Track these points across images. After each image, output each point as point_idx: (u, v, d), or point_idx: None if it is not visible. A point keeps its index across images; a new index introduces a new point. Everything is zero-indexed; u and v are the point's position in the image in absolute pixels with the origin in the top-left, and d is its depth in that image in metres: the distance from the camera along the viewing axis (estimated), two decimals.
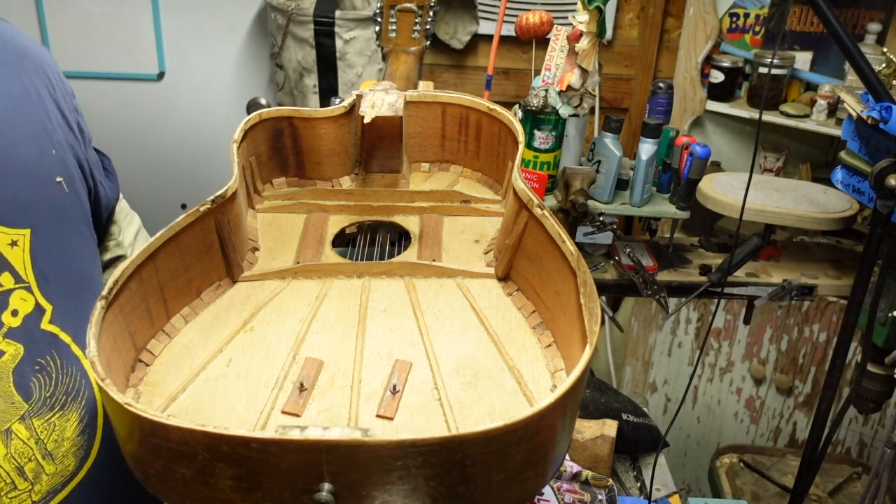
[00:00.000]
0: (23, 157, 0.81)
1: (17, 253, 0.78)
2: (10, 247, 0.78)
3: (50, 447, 0.81)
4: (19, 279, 0.79)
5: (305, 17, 2.33)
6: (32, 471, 0.80)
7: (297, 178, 1.05)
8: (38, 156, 0.83)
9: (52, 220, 0.83)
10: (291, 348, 0.75)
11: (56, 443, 0.81)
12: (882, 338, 1.18)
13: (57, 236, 0.83)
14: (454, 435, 0.54)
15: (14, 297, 0.78)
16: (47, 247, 0.81)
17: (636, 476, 1.44)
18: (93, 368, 0.60)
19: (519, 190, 0.83)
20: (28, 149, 0.82)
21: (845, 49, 1.05)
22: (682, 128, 2.47)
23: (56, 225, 0.83)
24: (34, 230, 0.80)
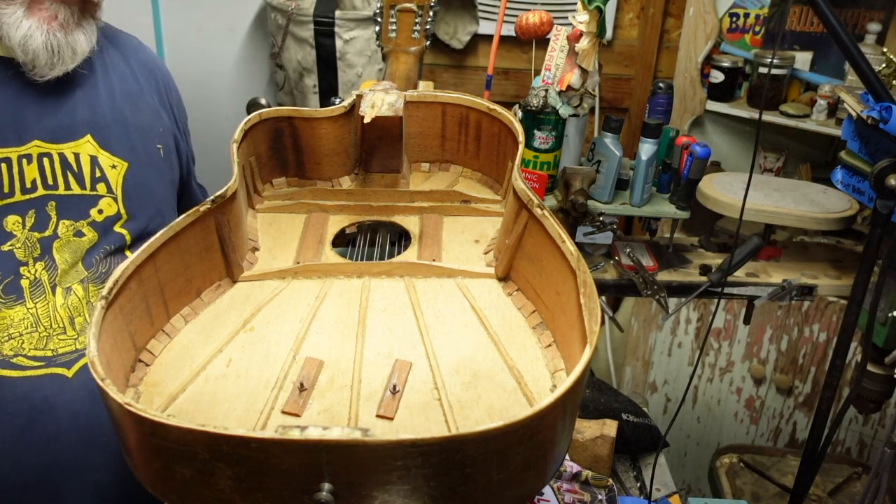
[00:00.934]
0: (141, 118, 1.13)
1: (114, 174, 1.08)
2: (111, 168, 1.07)
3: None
4: (111, 191, 1.07)
5: (305, 17, 2.33)
6: (80, 324, 1.04)
7: (297, 178, 1.05)
8: (150, 124, 1.14)
9: (146, 166, 1.12)
10: (291, 348, 0.75)
11: None
12: (882, 338, 1.18)
13: (146, 178, 1.11)
14: (454, 435, 0.54)
15: (103, 201, 1.06)
16: (137, 180, 1.10)
17: (636, 476, 1.44)
18: (92, 368, 0.60)
19: (519, 190, 0.83)
20: (146, 116, 1.14)
21: (845, 49, 1.05)
22: (682, 128, 2.47)
23: (147, 171, 1.12)
24: (130, 165, 1.09)
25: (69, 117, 1.04)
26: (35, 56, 0.97)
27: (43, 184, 1.01)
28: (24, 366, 0.99)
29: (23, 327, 0.99)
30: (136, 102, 1.13)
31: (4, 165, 0.99)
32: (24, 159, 1.00)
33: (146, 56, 1.21)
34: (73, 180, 1.04)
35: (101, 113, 1.08)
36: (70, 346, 1.02)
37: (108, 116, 1.08)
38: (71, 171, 1.03)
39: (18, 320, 0.99)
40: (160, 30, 2.59)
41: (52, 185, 1.02)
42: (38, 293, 1.01)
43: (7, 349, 0.99)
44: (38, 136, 1.01)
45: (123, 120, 1.10)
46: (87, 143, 1.05)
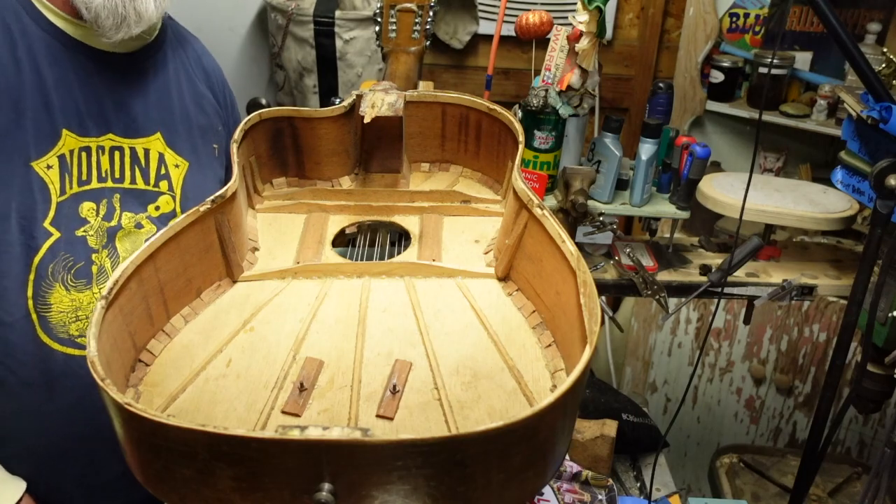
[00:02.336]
0: (203, 119, 1.18)
1: (177, 173, 1.13)
2: (175, 167, 1.13)
3: None
4: (171, 189, 1.12)
5: (305, 17, 2.33)
6: None
7: (297, 178, 1.05)
8: (210, 124, 1.20)
9: (204, 167, 1.17)
10: (291, 348, 0.75)
11: None
12: (882, 338, 1.18)
13: (203, 178, 1.17)
14: (454, 435, 0.54)
15: (163, 198, 1.12)
16: (195, 179, 1.15)
17: (636, 476, 1.44)
18: (92, 368, 0.60)
19: (519, 190, 0.83)
20: (207, 118, 1.20)
21: (845, 49, 1.05)
22: (682, 128, 2.47)
23: (204, 171, 1.17)
24: (191, 165, 1.15)
25: (143, 114, 1.09)
26: (97, 15, 0.98)
27: (111, 176, 1.06)
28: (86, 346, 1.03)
29: (90, 310, 1.04)
30: (200, 103, 1.19)
31: (84, 154, 1.03)
32: (100, 150, 1.05)
33: (209, 60, 1.27)
34: (140, 175, 1.09)
35: (170, 111, 1.13)
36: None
37: (177, 115, 1.14)
38: (139, 165, 1.08)
39: (87, 304, 1.05)
40: None
41: (118, 177, 1.07)
42: (102, 279, 1.06)
43: (74, 329, 1.05)
44: (114, 130, 1.06)
45: (188, 120, 1.15)
46: (157, 140, 1.11)
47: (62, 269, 1.03)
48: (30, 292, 1.01)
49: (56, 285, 1.03)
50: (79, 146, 1.03)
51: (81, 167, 1.03)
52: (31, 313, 1.02)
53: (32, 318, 1.02)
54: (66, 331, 1.04)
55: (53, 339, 1.04)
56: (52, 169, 1.01)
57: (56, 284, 1.03)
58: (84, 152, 1.03)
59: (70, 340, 1.05)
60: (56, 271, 1.02)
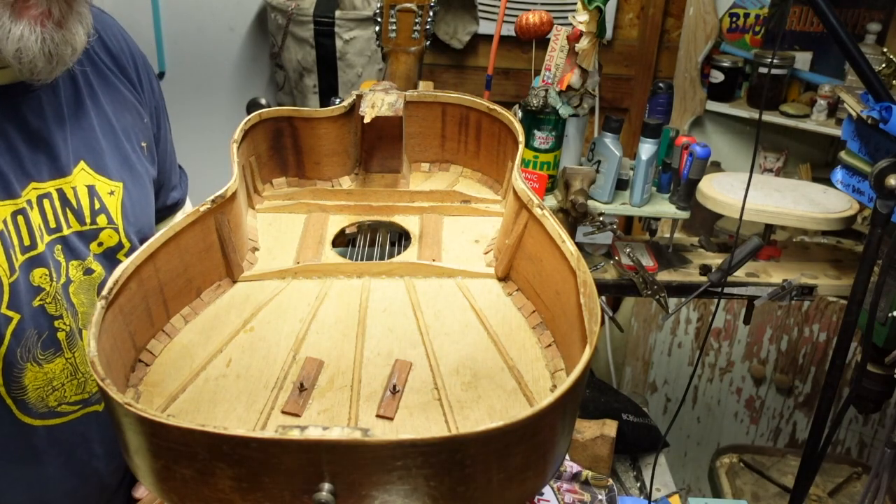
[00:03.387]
0: (124, 120, 1.04)
1: (113, 201, 1.01)
2: (109, 195, 1.00)
3: None
4: (111, 221, 1.00)
5: (305, 17, 2.33)
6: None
7: (297, 178, 1.05)
8: (133, 123, 1.06)
9: (137, 177, 1.05)
10: (291, 348, 0.75)
11: None
12: (882, 338, 1.18)
13: (140, 192, 1.05)
14: (454, 435, 0.54)
15: (104, 233, 1.00)
16: (132, 198, 1.03)
17: (636, 476, 1.44)
18: (92, 369, 0.60)
19: (519, 190, 0.83)
20: (129, 116, 1.05)
21: (845, 49, 1.05)
22: (682, 128, 2.47)
23: (138, 182, 1.05)
24: (125, 184, 1.02)
25: (61, 146, 0.94)
26: (33, 65, 0.83)
27: (47, 228, 0.93)
28: (66, 412, 1.01)
29: (64, 377, 0.99)
30: (117, 101, 1.03)
31: (21, 218, 0.90)
32: (28, 205, 0.91)
33: (113, 36, 1.05)
34: (74, 218, 0.96)
35: (90, 129, 0.98)
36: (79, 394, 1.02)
37: (97, 130, 0.99)
38: (70, 207, 0.95)
39: (59, 371, 0.98)
40: (160, 30, 2.59)
41: (55, 227, 0.94)
42: (72, 342, 0.99)
43: (52, 401, 0.99)
44: (35, 177, 0.91)
45: (111, 129, 1.01)
46: (82, 171, 0.97)
47: (30, 346, 0.94)
48: (0, 381, 0.93)
49: (27, 366, 0.94)
50: (11, 211, 0.88)
51: (21, 233, 0.89)
52: (5, 399, 0.94)
53: (8, 404, 0.94)
54: (45, 405, 0.98)
55: (33, 416, 0.97)
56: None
57: (27, 365, 0.94)
58: (20, 215, 0.89)
59: (51, 412, 0.99)
60: (24, 353, 0.93)
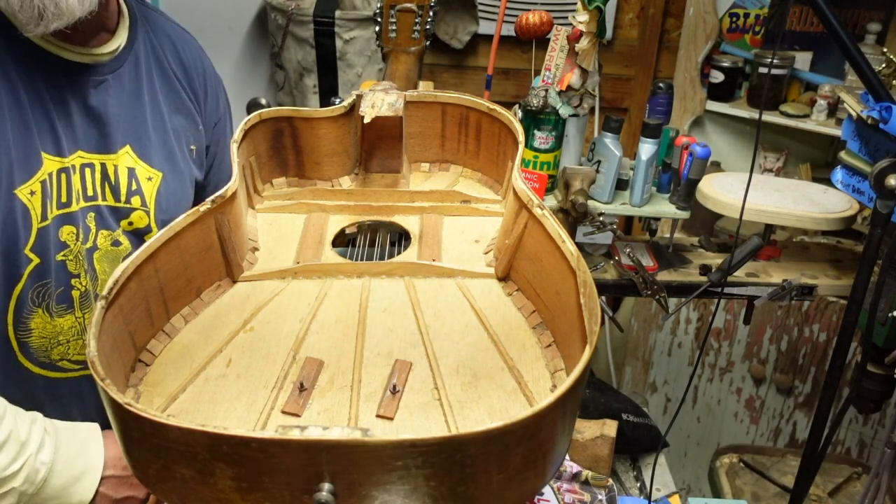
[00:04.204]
0: (177, 120, 1.14)
1: (150, 186, 1.09)
2: (147, 181, 1.08)
3: None
4: (144, 204, 1.08)
5: (305, 17, 2.33)
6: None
7: (297, 178, 1.05)
8: (186, 125, 1.15)
9: (180, 173, 1.13)
10: (291, 348, 0.75)
11: None
12: (882, 338, 1.18)
13: (178, 186, 1.13)
14: (454, 435, 0.54)
15: (135, 214, 1.08)
16: (170, 189, 1.11)
17: (636, 476, 1.44)
18: (92, 368, 0.60)
19: (519, 190, 0.83)
20: (182, 118, 1.15)
21: (845, 49, 1.05)
22: (682, 128, 2.47)
23: (179, 179, 1.13)
24: (165, 176, 1.10)
25: (113, 127, 1.04)
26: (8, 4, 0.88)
27: (84, 195, 1.02)
28: (66, 368, 1.06)
29: (70, 335, 1.04)
30: (175, 104, 1.13)
31: (64, 176, 0.99)
32: (71, 169, 1.00)
33: (189, 51, 1.18)
34: (110, 192, 1.05)
35: (142, 120, 1.08)
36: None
37: (149, 123, 1.09)
38: (108, 182, 1.04)
39: (67, 328, 1.03)
40: None
41: (91, 195, 1.03)
42: (86, 304, 1.04)
43: (55, 354, 1.04)
44: (82, 146, 1.01)
45: (163, 125, 1.10)
46: (126, 154, 1.06)
47: (44, 294, 1.00)
48: (10, 319, 0.98)
49: (37, 311, 1.00)
50: (58, 168, 0.98)
51: (62, 190, 0.99)
52: (10, 340, 0.99)
53: (12, 345, 0.99)
54: (47, 356, 1.03)
55: (34, 363, 1.02)
56: (35, 195, 0.96)
57: (37, 310, 1.00)
58: (63, 174, 0.99)
59: (51, 364, 1.04)
60: (37, 297, 0.99)
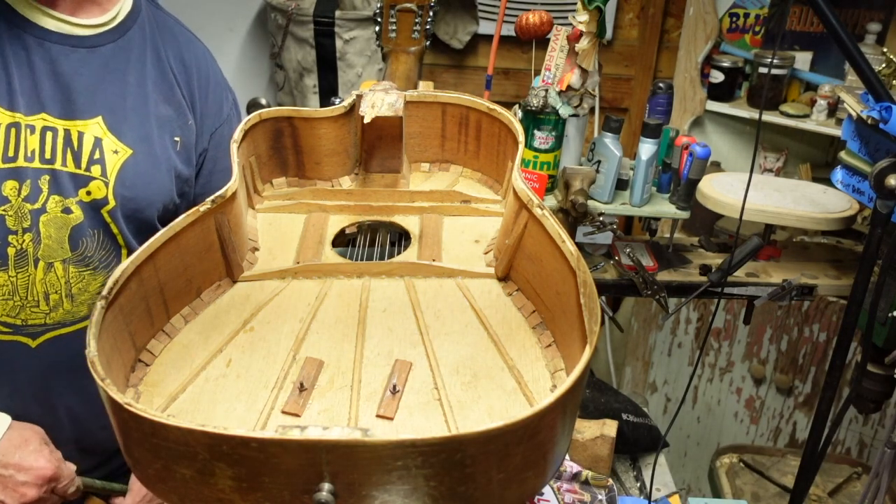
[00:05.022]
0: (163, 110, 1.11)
1: (114, 159, 1.05)
2: (112, 153, 1.05)
3: (74, 291, 1.06)
4: (104, 174, 1.04)
5: (305, 17, 2.33)
6: (55, 301, 1.05)
7: (297, 178, 1.05)
8: (173, 117, 1.12)
9: (155, 158, 1.09)
10: (291, 348, 0.75)
11: (79, 290, 1.07)
12: (882, 338, 1.18)
13: (149, 168, 1.08)
14: (454, 435, 0.54)
15: (94, 184, 1.04)
16: (139, 168, 1.07)
17: (636, 476, 1.44)
18: (92, 368, 0.60)
19: (519, 190, 0.83)
20: (170, 110, 1.12)
21: (845, 49, 1.05)
22: (682, 128, 2.47)
23: (153, 162, 1.09)
24: (135, 154, 1.07)
25: (85, 96, 1.03)
26: None
27: (39, 156, 1.01)
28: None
29: (1, 293, 1.02)
30: (165, 93, 1.12)
31: (14, 130, 0.99)
32: (28, 129, 1.00)
33: (195, 55, 1.18)
34: (71, 158, 1.03)
35: (122, 96, 1.07)
36: (40, 319, 1.04)
37: (130, 102, 1.07)
38: (71, 147, 1.03)
39: (0, 284, 1.02)
40: None
41: (49, 158, 1.02)
42: (21, 263, 1.02)
43: None
44: (49, 110, 1.01)
45: (145, 108, 1.09)
46: (97, 123, 1.05)
47: None
48: None
49: None
50: (7, 122, 0.99)
51: (9, 144, 0.99)
52: None
53: None
54: None
55: None
56: None
57: None
58: (13, 128, 0.99)
59: None
60: None
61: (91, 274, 1.07)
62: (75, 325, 1.07)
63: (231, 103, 1.25)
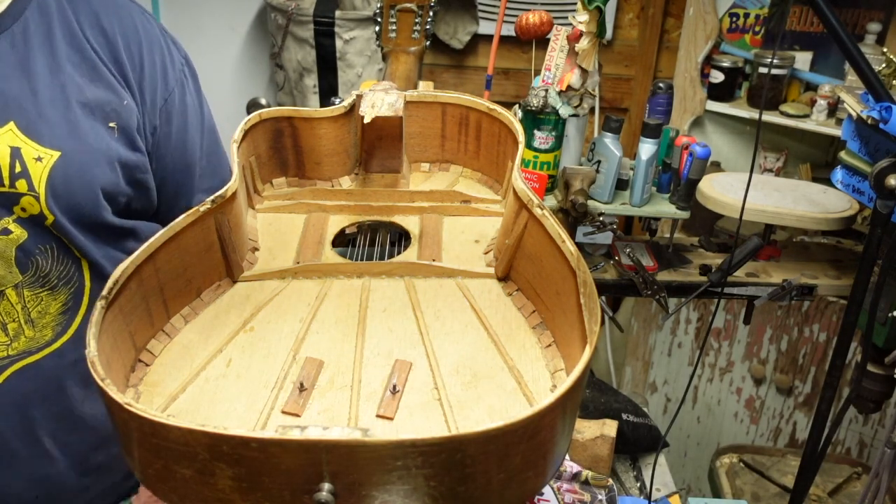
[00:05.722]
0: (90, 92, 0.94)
1: (38, 168, 0.90)
2: (35, 161, 0.90)
3: (33, 315, 0.95)
4: (32, 188, 0.90)
5: (305, 17, 2.33)
6: (14, 330, 0.94)
7: (297, 178, 1.05)
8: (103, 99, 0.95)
9: (90, 152, 0.93)
10: (291, 348, 0.75)
11: (39, 313, 0.95)
12: (882, 338, 1.18)
13: (82, 166, 0.93)
14: (454, 435, 0.54)
15: (24, 199, 0.90)
16: (70, 170, 0.91)
17: (636, 476, 1.44)
18: (92, 368, 0.60)
19: (519, 190, 0.83)
20: (98, 90, 0.95)
21: (845, 49, 1.05)
22: (682, 128, 2.47)
23: (87, 157, 0.93)
24: (64, 155, 0.91)
25: None
26: None
27: None
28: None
29: None
30: (89, 74, 0.95)
31: None
32: None
33: (114, 17, 0.98)
34: None
35: (32, 92, 0.90)
36: (2, 352, 0.94)
37: (44, 95, 0.91)
38: None
39: None
40: None
41: None
42: None
43: None
44: None
45: (64, 98, 0.92)
46: (9, 131, 0.89)
47: None
48: None
49: None
50: None
51: None
52: None
53: None
54: None
55: None
56: None
57: None
58: None
59: None
60: None
61: (49, 294, 0.95)
62: (42, 352, 0.96)
63: (179, 66, 1.07)
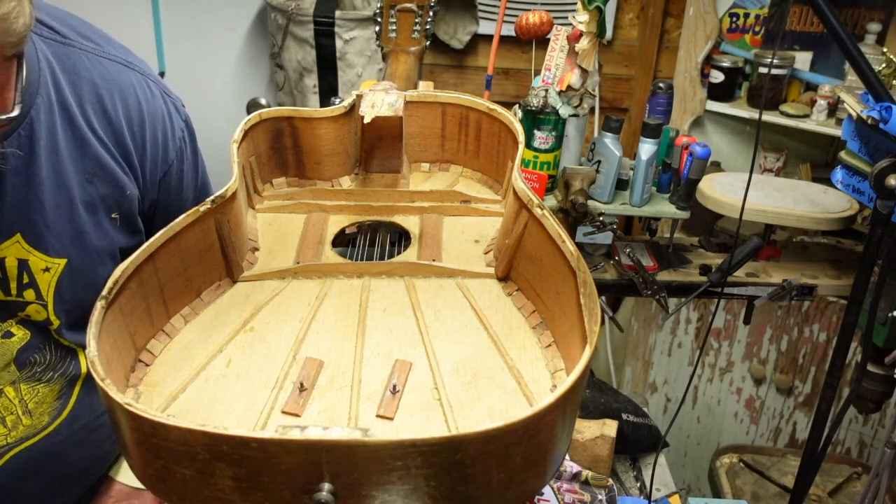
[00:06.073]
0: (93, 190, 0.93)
1: (46, 278, 0.91)
2: (43, 272, 0.90)
3: (31, 406, 0.96)
4: (40, 297, 0.91)
5: (305, 17, 2.33)
6: (12, 421, 0.95)
7: (297, 178, 1.05)
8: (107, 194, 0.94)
9: (89, 254, 0.94)
10: (291, 348, 0.75)
11: (36, 404, 0.97)
12: (882, 338, 1.18)
13: (89, 267, 0.94)
14: (454, 435, 0.54)
15: (31, 308, 0.91)
16: (76, 276, 0.93)
17: (636, 476, 1.44)
18: (92, 368, 0.60)
19: (519, 190, 0.83)
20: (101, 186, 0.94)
21: (845, 49, 1.05)
22: (682, 128, 2.47)
23: (90, 260, 0.94)
24: (70, 261, 0.92)
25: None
26: None
27: None
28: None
29: None
30: (90, 170, 0.92)
31: None
32: None
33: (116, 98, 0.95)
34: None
35: (37, 201, 0.88)
36: (1, 441, 0.95)
37: (47, 203, 0.88)
38: None
39: None
40: (160, 30, 2.59)
41: None
42: None
43: None
44: None
45: (69, 202, 0.90)
46: (16, 243, 0.88)
47: None
48: None
49: None
50: None
51: None
52: None
53: None
54: None
55: None
56: None
57: None
58: None
59: None
60: None
61: (46, 385, 0.97)
62: (39, 435, 0.97)
63: (180, 134, 1.04)
